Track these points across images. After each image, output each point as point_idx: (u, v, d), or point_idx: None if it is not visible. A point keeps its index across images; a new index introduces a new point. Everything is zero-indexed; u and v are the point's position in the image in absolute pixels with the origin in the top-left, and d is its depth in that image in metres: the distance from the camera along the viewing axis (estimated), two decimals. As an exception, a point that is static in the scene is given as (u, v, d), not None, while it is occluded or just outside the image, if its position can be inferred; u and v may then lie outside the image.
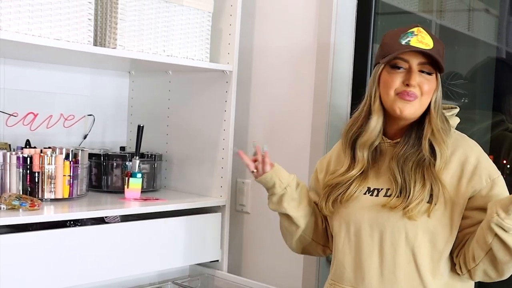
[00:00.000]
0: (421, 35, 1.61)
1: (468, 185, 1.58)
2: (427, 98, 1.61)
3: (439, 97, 1.64)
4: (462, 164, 1.60)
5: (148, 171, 2.45)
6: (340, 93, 2.32)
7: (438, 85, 1.63)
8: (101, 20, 2.11)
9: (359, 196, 1.67)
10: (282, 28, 2.46)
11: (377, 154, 1.70)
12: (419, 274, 1.59)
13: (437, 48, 1.61)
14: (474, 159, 1.60)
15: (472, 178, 1.58)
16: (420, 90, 1.60)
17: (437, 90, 1.63)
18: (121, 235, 2.07)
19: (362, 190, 1.68)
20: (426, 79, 1.61)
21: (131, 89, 2.78)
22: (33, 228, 1.90)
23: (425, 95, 1.61)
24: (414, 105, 1.60)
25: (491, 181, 1.58)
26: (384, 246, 1.61)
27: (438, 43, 1.63)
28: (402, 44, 1.60)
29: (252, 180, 2.54)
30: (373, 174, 1.69)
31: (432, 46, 1.60)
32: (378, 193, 1.65)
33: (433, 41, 1.61)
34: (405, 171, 1.60)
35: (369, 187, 1.67)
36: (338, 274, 1.71)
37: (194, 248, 2.31)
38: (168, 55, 2.22)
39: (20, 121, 2.38)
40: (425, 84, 1.60)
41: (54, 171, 2.08)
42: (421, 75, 1.61)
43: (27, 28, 1.82)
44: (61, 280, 1.91)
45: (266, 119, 2.52)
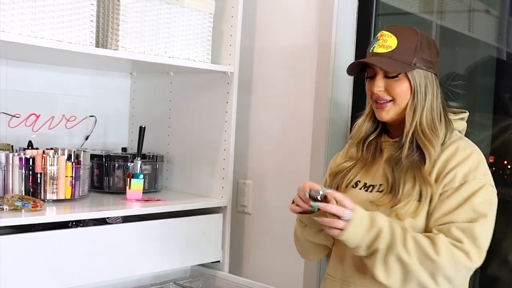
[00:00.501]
0: (383, 39, 1.63)
1: (441, 182, 1.56)
2: (401, 99, 1.62)
3: (420, 96, 1.61)
4: (447, 160, 1.58)
5: (149, 172, 2.46)
6: (341, 93, 2.33)
7: (411, 84, 1.61)
8: (103, 21, 2.12)
9: (355, 190, 1.69)
10: (283, 28, 2.47)
11: (377, 152, 1.71)
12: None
13: (404, 45, 1.60)
14: (460, 158, 1.57)
15: (446, 176, 1.55)
16: (390, 93, 1.62)
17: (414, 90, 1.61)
18: (122, 236, 2.08)
19: (359, 184, 1.70)
20: (393, 81, 1.62)
21: (133, 90, 2.79)
22: (35, 229, 1.90)
23: (398, 97, 1.62)
24: (389, 111, 1.64)
25: (464, 183, 1.54)
26: None
27: (406, 38, 1.61)
28: (369, 52, 1.65)
29: (253, 181, 2.55)
30: (372, 171, 1.70)
31: (395, 46, 1.61)
32: (372, 189, 1.67)
33: (398, 39, 1.61)
34: (396, 171, 1.60)
35: (366, 183, 1.69)
36: (330, 267, 1.75)
37: (196, 248, 2.32)
38: (170, 57, 2.22)
39: (23, 122, 2.39)
40: (392, 86, 1.62)
41: (56, 172, 2.08)
42: (388, 79, 1.62)
43: (29, 30, 1.83)
44: (63, 281, 1.91)
45: (267, 120, 2.53)
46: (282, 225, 2.43)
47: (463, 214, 1.51)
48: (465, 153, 1.58)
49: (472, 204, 1.51)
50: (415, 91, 1.61)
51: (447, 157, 1.58)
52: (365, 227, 1.49)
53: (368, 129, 1.72)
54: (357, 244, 1.50)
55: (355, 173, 1.72)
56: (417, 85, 1.61)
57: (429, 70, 1.62)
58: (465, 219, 1.50)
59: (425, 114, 1.61)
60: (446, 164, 1.57)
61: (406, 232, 1.50)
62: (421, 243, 1.48)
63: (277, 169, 2.49)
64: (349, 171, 1.72)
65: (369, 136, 1.72)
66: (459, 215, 1.51)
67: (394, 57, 1.59)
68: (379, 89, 1.63)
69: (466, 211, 1.51)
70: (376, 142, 1.72)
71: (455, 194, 1.53)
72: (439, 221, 1.53)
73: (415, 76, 1.61)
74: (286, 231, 2.39)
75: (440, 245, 1.47)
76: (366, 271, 1.57)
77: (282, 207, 2.42)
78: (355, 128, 1.75)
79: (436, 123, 1.62)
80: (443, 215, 1.53)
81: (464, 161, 1.56)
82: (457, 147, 1.60)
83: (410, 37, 1.63)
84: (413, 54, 1.60)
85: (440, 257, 1.46)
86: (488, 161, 1.95)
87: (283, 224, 2.43)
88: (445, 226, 1.51)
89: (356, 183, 1.71)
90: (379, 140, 1.73)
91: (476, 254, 1.49)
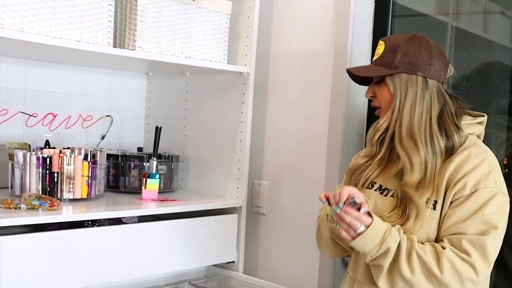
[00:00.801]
0: (378, 48, 1.68)
1: (451, 189, 1.55)
2: (384, 105, 1.65)
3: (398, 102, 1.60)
4: (458, 167, 1.56)
5: (165, 172, 2.46)
6: (357, 95, 2.31)
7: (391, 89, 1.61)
8: (120, 21, 2.12)
9: (371, 191, 1.69)
10: (300, 30, 2.46)
11: (394, 155, 1.69)
12: None
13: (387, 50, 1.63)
14: (471, 165, 1.55)
15: (457, 184, 1.54)
16: (377, 100, 1.68)
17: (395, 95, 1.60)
18: (138, 235, 2.08)
19: (375, 185, 1.69)
20: (377, 87, 1.67)
21: (149, 90, 2.79)
22: (51, 228, 1.91)
23: (382, 103, 1.66)
24: (382, 117, 1.66)
25: (475, 191, 1.52)
26: None
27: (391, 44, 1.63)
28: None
29: (268, 181, 2.55)
30: (387, 174, 1.69)
31: (381, 52, 1.65)
32: (387, 193, 1.66)
33: (385, 45, 1.64)
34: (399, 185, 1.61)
35: (381, 185, 1.69)
36: (349, 266, 1.76)
37: (210, 249, 2.32)
38: (186, 57, 2.22)
39: (40, 122, 2.40)
40: (378, 92, 1.67)
41: (73, 171, 2.09)
42: (374, 85, 1.68)
43: (48, 30, 1.84)
44: (78, 280, 1.92)
45: (283, 120, 2.52)
46: (297, 226, 2.43)
47: (474, 225, 1.50)
48: (476, 160, 1.56)
49: (483, 215, 1.50)
50: (394, 95, 1.61)
51: (458, 163, 1.56)
52: (375, 243, 1.51)
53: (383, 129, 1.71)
54: (364, 252, 1.54)
55: (371, 172, 1.71)
56: (396, 89, 1.61)
57: (413, 73, 1.60)
58: (475, 231, 1.50)
59: (403, 118, 1.59)
60: (458, 170, 1.55)
61: (412, 248, 1.50)
62: (425, 260, 1.49)
63: (292, 170, 2.48)
64: (366, 168, 1.72)
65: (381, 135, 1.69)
66: (470, 226, 1.51)
67: (378, 63, 1.64)
68: (368, 95, 1.70)
69: (477, 222, 1.50)
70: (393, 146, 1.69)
71: (466, 203, 1.52)
72: (450, 231, 1.53)
73: (395, 80, 1.61)
74: (301, 231, 2.40)
75: (444, 262, 1.48)
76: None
77: (297, 207, 2.44)
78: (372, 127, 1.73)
79: (416, 130, 1.58)
80: (453, 224, 1.52)
81: (475, 168, 1.54)
82: (469, 154, 1.57)
83: (396, 40, 1.63)
84: (394, 57, 1.60)
85: (444, 274, 1.47)
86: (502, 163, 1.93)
87: (298, 225, 2.43)
88: (455, 237, 1.51)
89: (372, 184, 1.70)
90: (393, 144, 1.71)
91: (483, 267, 1.49)
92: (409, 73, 1.59)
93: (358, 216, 1.51)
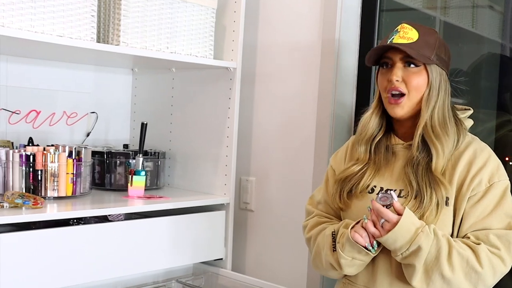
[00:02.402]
0: (404, 31, 1.62)
1: (469, 186, 1.56)
2: (416, 92, 1.60)
3: (435, 90, 1.60)
4: (469, 163, 1.58)
5: (151, 168, 2.45)
6: (345, 89, 2.31)
7: (429, 77, 1.60)
8: (104, 16, 2.10)
9: (372, 195, 1.65)
10: (287, 24, 2.45)
11: (389, 154, 1.68)
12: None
13: (424, 39, 1.60)
14: (481, 161, 1.58)
15: (473, 180, 1.56)
16: (407, 84, 1.60)
17: (430, 83, 1.60)
18: (124, 233, 2.06)
19: (376, 189, 1.66)
20: (412, 72, 1.60)
21: (134, 86, 2.77)
22: (36, 227, 1.90)
23: (413, 89, 1.60)
24: (403, 106, 1.61)
25: (490, 185, 1.56)
26: None
27: (427, 34, 1.62)
28: (388, 43, 1.62)
29: (256, 177, 2.53)
30: (387, 175, 1.67)
31: (416, 38, 1.60)
32: None
33: (419, 33, 1.61)
34: (419, 176, 1.58)
35: (382, 188, 1.65)
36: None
37: (198, 246, 2.30)
38: (172, 52, 2.21)
39: (23, 119, 2.37)
40: (411, 77, 1.60)
41: (57, 169, 2.07)
42: (407, 69, 1.61)
43: (29, 24, 1.81)
44: (64, 279, 1.90)
45: (270, 116, 2.51)
46: (285, 222, 2.42)
47: (497, 219, 1.54)
48: (484, 155, 1.60)
49: (504, 208, 1.55)
50: (431, 85, 1.60)
51: (468, 160, 1.59)
52: (405, 240, 1.49)
53: (376, 126, 1.69)
54: (395, 249, 1.52)
55: (369, 179, 1.68)
56: (433, 80, 1.60)
57: (443, 68, 1.62)
58: (500, 225, 1.54)
59: (436, 110, 1.60)
60: (469, 167, 1.58)
61: (452, 247, 1.50)
62: (466, 257, 1.50)
63: (280, 165, 2.47)
64: (362, 176, 1.68)
65: (376, 135, 1.69)
66: (493, 220, 1.54)
67: (415, 48, 1.58)
68: (397, 78, 1.60)
69: (499, 216, 1.54)
70: (387, 145, 1.69)
71: (485, 198, 1.55)
72: (475, 227, 1.55)
73: (433, 70, 1.60)
74: (289, 228, 2.39)
75: (483, 256, 1.50)
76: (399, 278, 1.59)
77: (285, 203, 2.43)
78: (361, 124, 1.71)
79: (447, 121, 1.61)
80: (477, 220, 1.55)
81: (486, 163, 1.58)
82: (475, 150, 1.61)
83: (430, 33, 1.64)
84: (433, 50, 1.60)
85: (484, 269, 1.50)
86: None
87: (286, 221, 2.42)
88: (481, 232, 1.54)
89: (372, 189, 1.67)
90: (390, 143, 1.69)
91: (510, 259, 1.53)
92: (440, 67, 1.61)
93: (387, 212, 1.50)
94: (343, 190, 1.69)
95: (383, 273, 1.61)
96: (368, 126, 1.69)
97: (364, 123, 1.70)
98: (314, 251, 1.73)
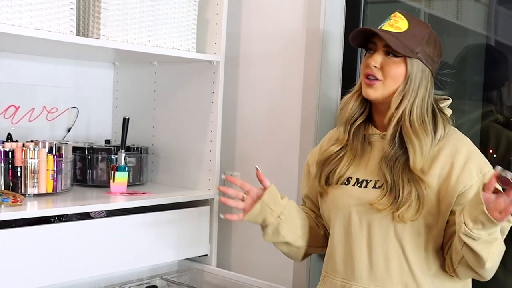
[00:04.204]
0: (395, 19, 1.62)
1: (458, 180, 1.55)
2: (392, 81, 1.59)
3: (413, 85, 1.58)
4: (452, 157, 1.57)
5: (134, 164, 2.43)
6: (330, 80, 2.30)
7: (408, 70, 1.58)
8: (83, 9, 2.07)
9: (348, 187, 1.66)
10: (270, 15, 2.44)
11: (366, 144, 1.68)
12: (409, 267, 1.58)
13: (413, 32, 1.59)
14: (465, 153, 1.58)
15: (462, 173, 1.56)
16: (383, 72, 1.60)
17: (408, 76, 1.58)
18: (107, 230, 2.05)
19: (351, 180, 1.66)
20: (392, 61, 1.59)
21: (116, 80, 2.75)
22: (16, 225, 1.86)
23: (389, 78, 1.59)
24: (376, 89, 1.61)
25: (482, 175, 1.56)
26: (372, 238, 1.60)
27: (417, 27, 1.61)
28: (378, 29, 1.62)
29: (241, 172, 2.52)
30: (362, 165, 1.67)
31: (404, 29, 1.60)
32: (367, 185, 1.64)
33: (410, 25, 1.60)
34: (394, 170, 1.58)
35: (358, 178, 1.66)
36: (330, 266, 1.71)
37: (183, 242, 2.29)
38: (154, 46, 2.18)
39: (1, 114, 2.34)
40: (388, 66, 1.59)
41: (37, 165, 2.04)
42: (387, 57, 1.60)
43: (6, 17, 1.78)
44: (46, 278, 1.88)
45: (255, 109, 2.50)
46: (270, 218, 2.40)
47: None
48: (467, 147, 1.60)
49: None
50: (408, 79, 1.58)
51: (450, 152, 1.58)
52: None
53: (355, 109, 1.68)
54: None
55: (345, 167, 1.68)
56: (412, 74, 1.58)
57: (427, 66, 1.61)
58: None
59: (415, 105, 1.59)
60: (453, 159, 1.57)
61: None
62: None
63: (265, 160, 2.45)
64: (339, 161, 1.68)
65: (357, 119, 1.68)
66: None
67: (400, 39, 1.57)
68: (375, 64, 1.60)
69: None
70: (364, 135, 1.69)
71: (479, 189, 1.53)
72: None
73: (414, 65, 1.59)
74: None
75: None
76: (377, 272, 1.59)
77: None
78: (341, 104, 1.71)
79: (426, 119, 1.59)
80: None
81: (472, 155, 1.58)
82: (455, 142, 1.60)
83: (421, 27, 1.63)
84: (419, 44, 1.59)
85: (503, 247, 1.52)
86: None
87: (271, 217, 2.40)
88: None
89: (348, 180, 1.67)
90: (367, 132, 1.69)
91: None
92: (424, 64, 1.60)
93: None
94: (322, 175, 1.70)
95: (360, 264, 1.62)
96: (347, 107, 1.69)
97: (344, 104, 1.70)
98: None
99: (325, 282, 1.72)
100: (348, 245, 1.64)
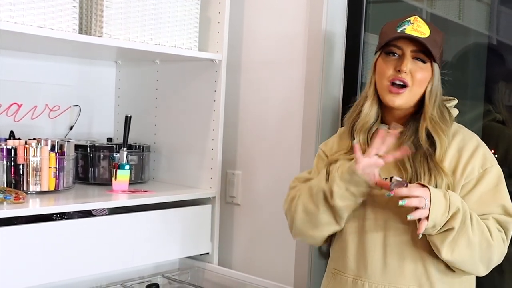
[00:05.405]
0: (417, 24, 1.62)
1: (462, 174, 1.59)
2: (419, 87, 1.62)
3: (436, 87, 1.63)
4: (459, 150, 1.62)
5: (136, 162, 2.42)
6: (332, 80, 2.30)
7: (433, 74, 1.62)
8: (86, 7, 2.07)
9: None
10: (273, 15, 2.43)
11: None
12: (423, 264, 1.59)
13: (434, 37, 1.61)
14: (472, 147, 1.62)
15: (466, 167, 1.59)
16: (412, 78, 1.61)
17: (432, 80, 1.62)
18: (108, 228, 2.05)
19: None
20: (419, 67, 1.61)
21: (118, 79, 2.74)
22: (18, 222, 1.87)
23: (417, 84, 1.61)
24: (403, 96, 1.61)
25: (483, 171, 1.59)
26: (388, 235, 1.61)
27: (436, 33, 1.63)
28: (397, 32, 1.62)
29: (242, 171, 2.51)
30: None
31: (428, 34, 1.61)
32: None
33: (430, 30, 1.62)
34: (416, 161, 1.60)
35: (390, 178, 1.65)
36: (341, 263, 1.69)
37: (184, 241, 2.29)
38: (156, 44, 2.18)
39: (4, 112, 2.34)
40: (418, 72, 1.61)
41: (39, 163, 2.04)
42: (415, 63, 1.61)
43: (9, 15, 1.78)
44: (48, 275, 1.88)
45: (257, 108, 2.49)
46: (272, 216, 2.40)
47: (495, 204, 1.58)
48: (473, 142, 1.63)
49: (501, 192, 1.59)
50: (432, 81, 1.62)
51: (457, 148, 1.62)
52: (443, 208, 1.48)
53: (374, 115, 1.68)
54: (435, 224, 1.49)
55: None
56: (435, 78, 1.63)
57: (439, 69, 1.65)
58: (498, 209, 1.58)
59: (437, 104, 1.63)
60: (460, 155, 1.61)
61: (473, 214, 1.53)
62: (482, 225, 1.53)
63: (266, 159, 2.45)
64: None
65: (374, 124, 1.69)
66: (493, 205, 1.58)
67: (429, 44, 1.59)
68: (407, 70, 1.60)
69: (497, 199, 1.58)
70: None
71: (480, 185, 1.59)
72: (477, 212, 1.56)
73: (435, 69, 1.63)
74: (276, 222, 2.37)
75: (493, 229, 1.54)
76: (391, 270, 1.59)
77: (271, 197, 2.41)
78: (363, 114, 1.68)
79: (445, 114, 1.65)
80: (475, 207, 1.57)
81: (477, 150, 1.61)
82: (463, 137, 1.64)
83: (438, 33, 1.65)
84: (439, 49, 1.63)
85: (494, 242, 1.53)
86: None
87: (273, 215, 2.40)
88: (483, 217, 1.56)
89: None
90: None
91: (507, 243, 1.57)
92: (438, 65, 1.64)
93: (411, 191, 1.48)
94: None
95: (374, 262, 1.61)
96: (369, 116, 1.68)
97: (366, 113, 1.68)
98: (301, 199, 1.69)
99: (334, 279, 1.71)
100: (362, 242, 1.64)
